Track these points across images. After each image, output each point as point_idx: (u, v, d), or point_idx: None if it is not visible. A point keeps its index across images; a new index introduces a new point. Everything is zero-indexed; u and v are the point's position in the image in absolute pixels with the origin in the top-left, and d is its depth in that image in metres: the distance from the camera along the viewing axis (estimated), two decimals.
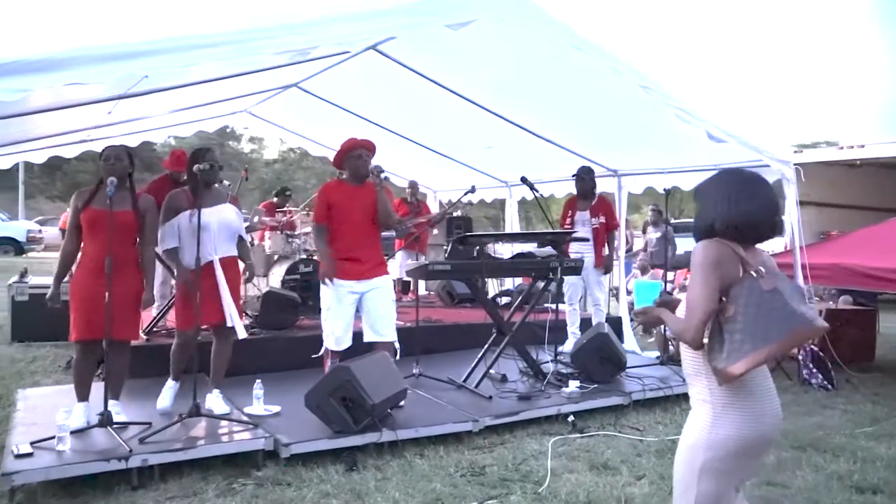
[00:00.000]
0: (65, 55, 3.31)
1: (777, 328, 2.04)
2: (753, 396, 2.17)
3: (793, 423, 5.05)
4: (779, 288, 2.09)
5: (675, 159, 7.16)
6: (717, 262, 2.14)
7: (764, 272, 2.12)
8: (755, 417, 2.16)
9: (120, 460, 3.58)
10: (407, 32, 4.41)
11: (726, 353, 2.07)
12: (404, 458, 4.15)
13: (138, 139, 8.74)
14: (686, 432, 2.27)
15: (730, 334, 2.08)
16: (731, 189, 2.21)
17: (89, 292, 3.96)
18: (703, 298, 2.12)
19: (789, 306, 2.06)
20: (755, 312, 2.06)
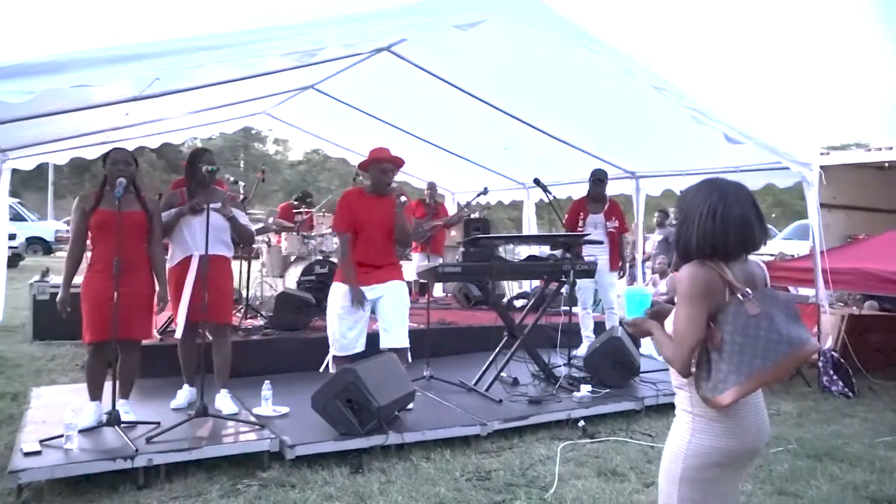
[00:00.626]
0: (70, 57, 3.34)
1: (763, 358, 1.96)
2: (737, 410, 2.08)
3: (810, 431, 4.94)
4: (766, 311, 1.99)
5: (693, 161, 7.05)
6: (704, 292, 2.04)
7: (750, 294, 2.02)
8: (738, 430, 2.09)
9: (125, 460, 3.60)
10: (414, 33, 4.40)
11: (713, 382, 2.00)
12: (410, 462, 4.12)
13: (159, 140, 8.86)
14: (669, 440, 2.22)
15: (715, 363, 2.01)
16: (703, 205, 2.09)
17: (102, 294, 3.99)
18: (691, 330, 2.04)
19: (777, 331, 1.97)
20: (741, 341, 1.98)
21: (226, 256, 4.64)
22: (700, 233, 2.08)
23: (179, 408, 4.52)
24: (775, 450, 4.49)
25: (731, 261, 2.10)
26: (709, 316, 2.05)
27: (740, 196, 2.12)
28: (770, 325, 1.98)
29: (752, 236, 2.09)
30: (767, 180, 6.48)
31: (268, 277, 8.16)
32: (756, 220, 2.12)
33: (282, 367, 5.74)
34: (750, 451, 2.16)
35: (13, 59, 3.23)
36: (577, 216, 6.85)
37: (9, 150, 7.08)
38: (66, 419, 3.78)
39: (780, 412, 5.43)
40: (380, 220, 4.79)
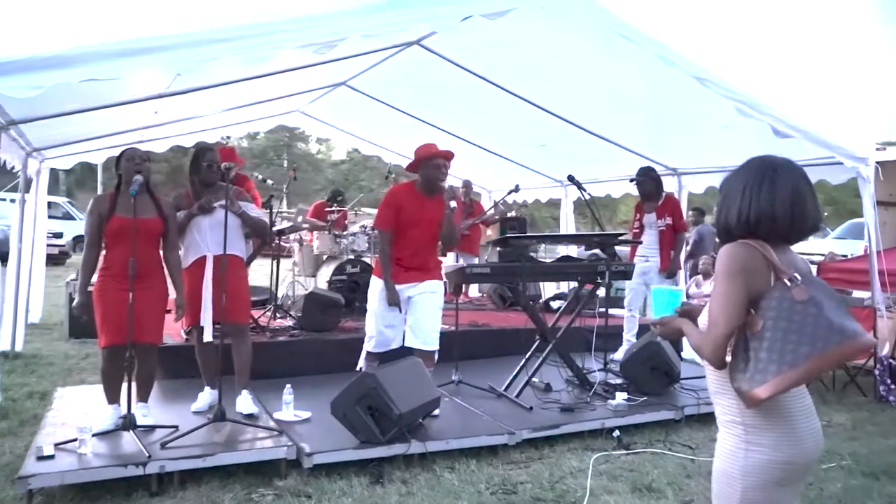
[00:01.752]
0: (79, 51, 3.25)
1: (811, 345, 1.72)
2: (790, 414, 1.87)
3: (865, 445, 4.60)
4: (815, 298, 1.77)
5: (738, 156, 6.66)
6: (742, 269, 1.83)
7: (799, 279, 1.80)
8: (794, 438, 1.86)
9: (137, 466, 3.50)
10: (440, 23, 4.19)
11: (751, 372, 1.77)
12: (433, 472, 3.94)
13: (192, 139, 8.85)
14: (718, 460, 1.98)
15: (755, 352, 1.78)
16: (749, 178, 1.90)
17: (116, 298, 3.90)
18: (727, 312, 1.82)
19: (827, 319, 1.74)
20: (786, 327, 1.75)
21: (238, 255, 4.52)
22: (744, 205, 1.88)
23: (200, 411, 4.42)
24: (827, 466, 4.17)
25: (776, 243, 1.89)
26: (749, 302, 1.83)
27: (793, 169, 1.92)
28: (819, 311, 1.75)
29: (802, 214, 1.87)
30: (819, 176, 6.09)
31: (299, 277, 8.06)
32: (810, 197, 1.90)
33: (309, 368, 5.62)
34: (807, 464, 1.93)
35: (21, 53, 3.15)
36: (636, 217, 6.60)
37: (44, 150, 7.11)
38: (77, 423, 3.70)
39: (832, 423, 5.08)
40: (428, 220, 4.69)
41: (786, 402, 1.86)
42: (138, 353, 4.07)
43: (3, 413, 4.76)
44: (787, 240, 1.93)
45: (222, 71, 4.97)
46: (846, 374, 5.97)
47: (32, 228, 7.52)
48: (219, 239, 4.27)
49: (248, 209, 4.49)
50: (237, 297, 4.45)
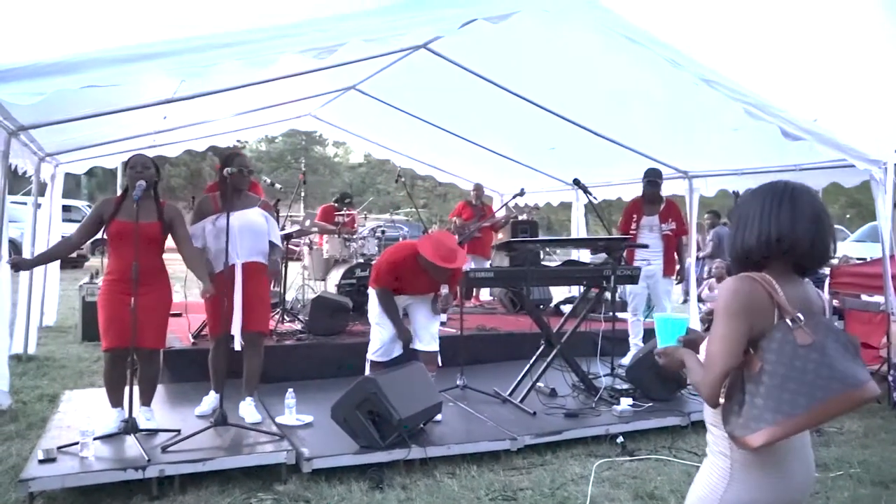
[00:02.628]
0: (80, 58, 3.27)
1: (810, 396, 1.65)
2: (784, 455, 1.79)
3: (877, 453, 4.51)
4: (819, 342, 1.68)
5: (750, 159, 6.62)
6: (745, 306, 1.75)
7: (803, 320, 1.71)
8: (781, 480, 1.79)
9: (137, 470, 3.52)
10: (442, 26, 4.17)
11: (744, 418, 1.70)
12: (433, 478, 3.92)
13: (205, 143, 8.93)
14: (697, 484, 1.92)
15: (751, 396, 1.70)
16: (767, 200, 1.83)
17: (118, 303, 3.93)
18: (724, 352, 1.75)
19: (830, 365, 1.65)
20: (785, 374, 1.68)
21: (262, 263, 4.52)
22: (764, 225, 1.80)
23: (204, 415, 4.41)
24: (835, 474, 4.10)
25: (789, 273, 1.82)
26: (750, 340, 1.75)
27: (811, 193, 1.85)
28: (821, 358, 1.66)
29: (822, 236, 1.80)
30: (831, 179, 6.01)
31: (309, 280, 8.08)
32: (828, 222, 1.83)
33: (315, 373, 5.63)
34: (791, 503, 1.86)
35: (23, 60, 3.18)
36: (631, 218, 6.51)
37: (57, 154, 7.20)
38: (82, 426, 3.73)
39: (843, 431, 4.99)
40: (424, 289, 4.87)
41: (782, 444, 1.80)
42: (140, 357, 4.10)
43: (12, 416, 4.81)
44: (805, 265, 1.84)
45: (232, 75, 5.01)
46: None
47: (47, 232, 7.60)
48: (248, 245, 4.30)
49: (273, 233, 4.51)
50: (258, 305, 4.47)
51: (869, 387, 1.67)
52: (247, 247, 4.30)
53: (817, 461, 4.24)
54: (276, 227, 4.58)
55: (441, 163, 10.33)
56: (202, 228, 4.34)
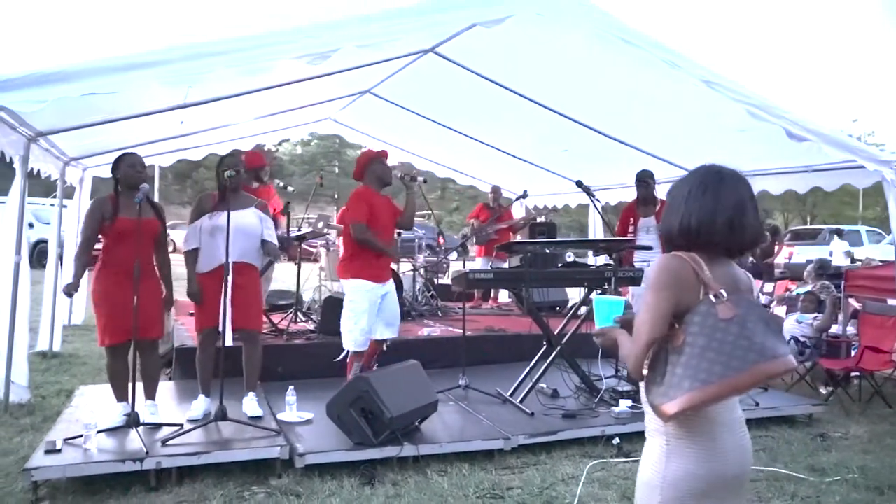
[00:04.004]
0: (80, 67, 3.43)
1: (726, 365, 1.70)
2: (714, 428, 1.84)
3: (879, 458, 4.44)
4: (740, 316, 1.74)
5: (759, 160, 6.53)
6: (670, 282, 1.83)
7: (726, 296, 1.77)
8: (713, 453, 1.83)
9: (135, 461, 3.65)
10: (437, 31, 4.25)
11: (665, 387, 1.77)
12: (425, 475, 3.98)
13: (227, 147, 9.10)
14: (641, 467, 1.97)
15: (672, 367, 1.77)
16: (693, 186, 1.90)
17: (118, 298, 4.07)
18: (648, 324, 1.82)
19: (748, 338, 1.72)
20: (705, 344, 1.74)
21: (253, 264, 4.64)
22: (686, 212, 1.87)
23: (195, 419, 4.38)
24: (831, 479, 4.05)
25: (715, 255, 1.88)
26: (676, 315, 1.82)
27: (737, 179, 1.91)
28: (741, 331, 1.73)
29: (742, 225, 1.85)
30: (844, 180, 5.92)
31: (326, 281, 8.22)
32: (751, 210, 1.89)
33: (323, 371, 5.71)
34: (733, 480, 1.88)
35: (26, 69, 3.35)
36: (628, 221, 6.52)
37: (83, 158, 7.44)
38: (86, 419, 3.89)
39: (848, 435, 4.92)
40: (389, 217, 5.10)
41: (710, 416, 1.84)
42: (141, 350, 4.26)
43: (30, 409, 5.01)
44: (726, 252, 1.91)
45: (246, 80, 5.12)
46: (872, 386, 5.76)
47: (76, 234, 7.86)
48: (239, 246, 4.40)
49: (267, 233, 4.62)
50: (251, 304, 4.58)
51: (785, 360, 1.74)
52: (238, 247, 4.40)
53: (817, 467, 4.24)
54: (272, 226, 4.67)
55: (460, 165, 10.40)
56: (198, 229, 4.46)
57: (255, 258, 4.65)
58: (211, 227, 4.42)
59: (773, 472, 4.13)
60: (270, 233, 4.64)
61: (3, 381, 5.01)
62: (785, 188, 6.50)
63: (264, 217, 4.63)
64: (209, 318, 4.43)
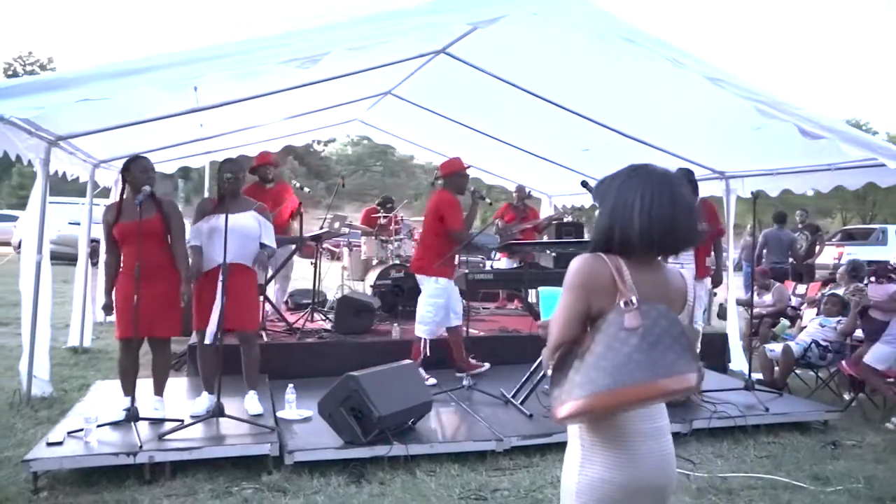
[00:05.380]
0: (75, 74, 3.56)
1: (613, 377, 1.65)
2: (628, 436, 1.80)
3: (890, 468, 4.29)
4: (645, 327, 1.69)
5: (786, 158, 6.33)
6: (583, 283, 1.79)
7: (635, 304, 1.72)
8: (630, 461, 1.80)
9: (128, 455, 3.77)
10: (430, 31, 4.26)
11: (560, 390, 1.74)
12: (413, 475, 4.00)
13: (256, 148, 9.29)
14: (563, 469, 1.95)
15: (574, 371, 1.73)
16: (616, 188, 1.85)
17: (126, 295, 4.23)
18: (560, 323, 1.80)
19: (645, 353, 1.65)
20: (602, 353, 1.69)
21: (248, 266, 4.70)
22: (609, 215, 1.84)
23: (198, 416, 4.44)
24: (832, 489, 3.91)
25: (642, 258, 1.83)
26: (590, 318, 1.79)
27: (666, 181, 1.85)
28: (640, 343, 1.67)
29: (664, 227, 1.80)
30: (867, 178, 5.69)
31: (348, 281, 8.32)
32: (679, 210, 1.83)
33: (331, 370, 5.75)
34: (653, 489, 1.85)
35: (23, 78, 3.50)
36: None
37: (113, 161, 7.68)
38: (87, 413, 4.04)
39: (862, 444, 4.74)
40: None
41: (624, 424, 1.80)
42: (153, 346, 4.43)
43: (50, 403, 5.22)
44: (656, 254, 1.85)
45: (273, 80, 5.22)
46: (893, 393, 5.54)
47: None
48: (236, 248, 4.49)
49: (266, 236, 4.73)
50: (246, 305, 4.68)
51: (680, 379, 1.66)
52: (236, 249, 4.50)
53: (821, 475, 4.11)
54: (271, 231, 4.75)
55: (486, 165, 10.37)
56: (198, 229, 4.57)
57: (251, 260, 4.72)
58: (209, 230, 4.53)
59: (772, 481, 4.02)
60: (269, 237, 4.73)
61: (26, 375, 5.24)
62: (808, 187, 6.30)
63: (263, 220, 4.72)
64: (207, 317, 4.53)
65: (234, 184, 4.56)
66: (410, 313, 7.48)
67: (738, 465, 4.30)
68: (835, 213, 39.50)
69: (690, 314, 1.94)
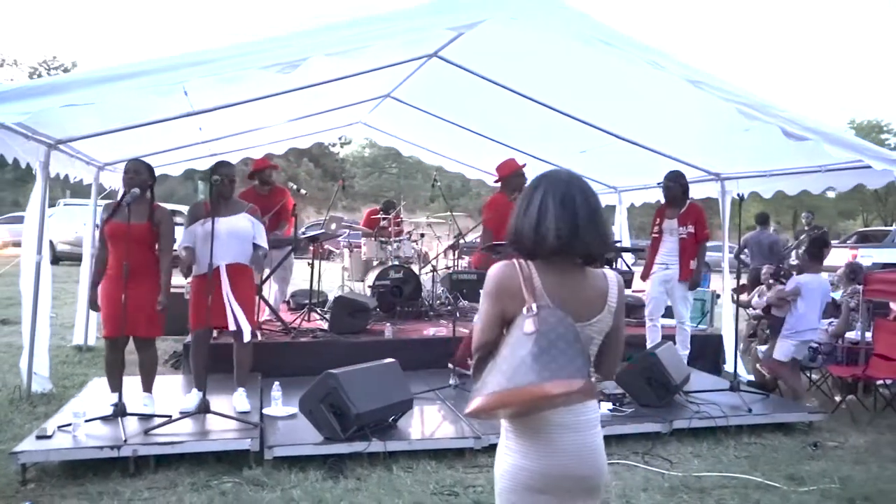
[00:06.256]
0: (60, 81, 3.70)
1: (508, 379, 1.71)
2: (544, 427, 1.87)
3: (867, 469, 4.29)
4: (540, 332, 1.73)
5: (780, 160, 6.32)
6: (495, 290, 1.87)
7: (536, 309, 1.78)
8: (546, 450, 1.87)
9: (112, 449, 3.90)
10: (409, 36, 4.34)
11: (474, 389, 1.82)
12: (390, 471, 4.08)
13: (261, 151, 9.43)
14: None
15: (487, 372, 1.80)
16: (531, 195, 1.92)
17: (111, 296, 4.36)
18: (478, 328, 1.90)
19: (536, 357, 1.70)
20: (504, 355, 1.76)
21: (246, 266, 4.83)
22: (524, 221, 1.90)
23: (187, 412, 4.51)
24: (805, 489, 3.93)
25: (558, 264, 1.88)
26: (507, 322, 1.85)
27: (579, 189, 1.91)
28: (533, 348, 1.72)
29: (584, 234, 1.85)
30: (857, 180, 5.68)
31: (349, 281, 8.42)
32: (593, 220, 1.88)
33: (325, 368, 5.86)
34: (576, 480, 1.90)
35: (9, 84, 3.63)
36: (656, 222, 6.43)
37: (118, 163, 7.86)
38: (76, 408, 4.17)
39: (844, 445, 4.75)
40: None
41: (546, 415, 1.86)
42: (138, 345, 4.54)
43: (49, 399, 5.37)
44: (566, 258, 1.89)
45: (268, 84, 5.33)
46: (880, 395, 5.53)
47: None
48: (233, 249, 4.63)
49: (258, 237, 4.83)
50: (243, 304, 4.78)
51: (564, 383, 1.68)
52: (232, 251, 4.62)
53: (796, 476, 4.14)
54: (263, 231, 4.87)
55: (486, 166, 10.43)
56: (193, 233, 4.68)
57: (248, 260, 4.85)
58: (204, 233, 4.62)
59: (745, 480, 4.04)
60: (261, 237, 4.84)
61: (26, 372, 5.40)
62: (800, 188, 6.28)
63: (255, 221, 4.83)
64: (203, 318, 4.63)
65: (226, 186, 4.67)
66: (408, 314, 7.63)
67: (715, 464, 4.32)
68: (857, 214, 39.00)
69: (614, 314, 1.99)
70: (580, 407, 1.94)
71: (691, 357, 6.53)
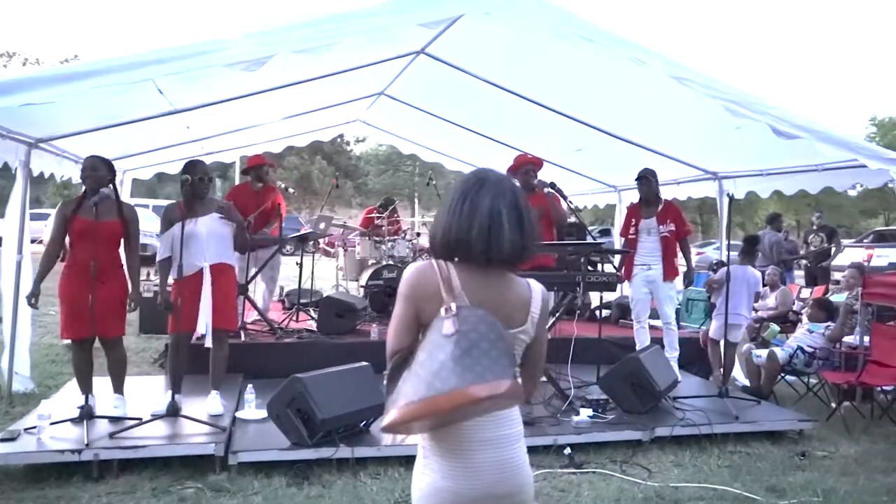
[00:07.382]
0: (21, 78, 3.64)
1: (428, 386, 1.59)
2: (463, 444, 1.75)
3: (853, 481, 4.11)
4: (461, 333, 1.63)
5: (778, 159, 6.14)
6: (408, 292, 1.78)
7: (454, 311, 1.67)
8: (465, 469, 1.75)
9: (73, 453, 3.84)
10: (378, 34, 4.23)
11: (388, 401, 1.69)
12: (357, 478, 3.99)
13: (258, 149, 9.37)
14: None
15: (402, 380, 1.68)
16: (456, 194, 1.82)
17: (77, 295, 4.29)
18: (392, 332, 1.79)
19: (457, 360, 1.59)
20: (422, 360, 1.64)
21: (228, 264, 4.77)
22: (443, 221, 1.81)
23: (159, 414, 4.43)
24: (787, 502, 3.78)
25: (479, 265, 1.78)
26: (422, 325, 1.76)
27: (498, 188, 1.81)
28: (453, 350, 1.61)
29: (498, 236, 1.75)
30: (854, 180, 5.52)
31: (343, 280, 8.35)
32: (509, 221, 1.78)
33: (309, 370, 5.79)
34: (494, 498, 1.79)
35: None
36: (630, 222, 6.26)
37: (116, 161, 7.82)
38: (39, 410, 4.12)
39: (834, 455, 4.58)
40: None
41: (463, 432, 1.76)
42: (104, 346, 4.48)
43: (28, 398, 5.34)
44: (487, 262, 1.78)
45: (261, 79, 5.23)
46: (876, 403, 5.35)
47: None
48: (214, 249, 4.57)
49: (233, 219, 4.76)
50: (226, 304, 4.73)
51: (490, 385, 1.57)
52: (213, 251, 4.55)
53: (778, 487, 3.99)
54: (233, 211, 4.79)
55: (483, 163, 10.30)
56: (170, 238, 4.58)
57: (231, 258, 4.80)
58: (186, 236, 4.52)
59: (723, 492, 3.90)
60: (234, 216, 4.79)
61: (7, 371, 5.38)
62: (797, 188, 6.11)
63: (226, 212, 4.74)
64: (184, 321, 4.56)
65: (199, 186, 4.60)
66: None
67: (695, 474, 4.18)
68: (878, 213, 38.29)
69: (536, 325, 1.88)
70: (502, 421, 1.84)
71: (685, 360, 6.38)
